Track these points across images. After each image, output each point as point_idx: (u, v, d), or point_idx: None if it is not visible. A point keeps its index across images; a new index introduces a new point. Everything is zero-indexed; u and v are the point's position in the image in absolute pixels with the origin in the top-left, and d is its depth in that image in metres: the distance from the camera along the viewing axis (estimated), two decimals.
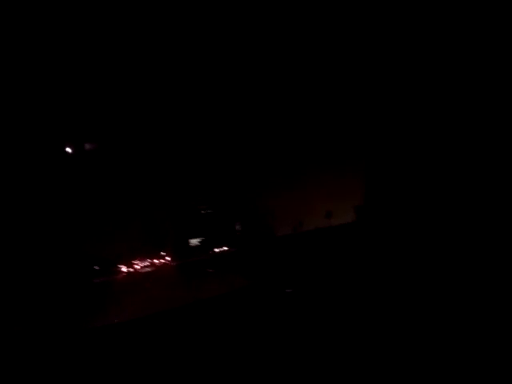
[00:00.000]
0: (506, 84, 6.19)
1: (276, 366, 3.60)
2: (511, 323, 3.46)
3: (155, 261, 28.99)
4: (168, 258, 28.75)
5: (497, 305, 3.93)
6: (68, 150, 12.49)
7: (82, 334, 7.91)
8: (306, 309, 5.69)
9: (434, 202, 6.04)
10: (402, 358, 3.24)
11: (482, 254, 5.38)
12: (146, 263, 29.05)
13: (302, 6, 10.30)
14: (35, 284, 10.11)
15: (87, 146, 14.76)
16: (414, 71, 6.14)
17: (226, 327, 5.56)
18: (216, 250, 26.74)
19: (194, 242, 26.39)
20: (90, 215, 17.57)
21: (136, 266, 28.22)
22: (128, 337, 6.81)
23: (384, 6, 7.05)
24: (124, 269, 27.58)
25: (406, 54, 6.31)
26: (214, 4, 9.80)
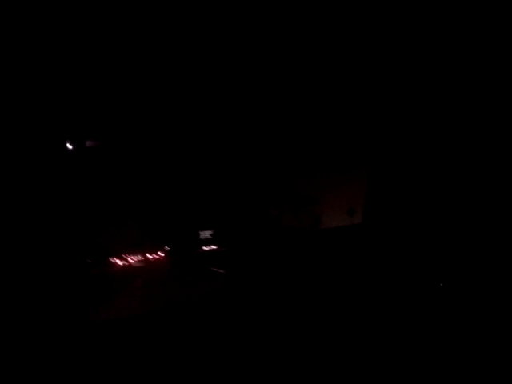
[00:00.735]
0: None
1: (274, 366, 3.71)
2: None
3: (148, 256, 28.63)
4: (161, 254, 28.37)
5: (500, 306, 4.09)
6: (69, 146, 12.45)
7: (83, 329, 8.01)
8: (309, 311, 5.67)
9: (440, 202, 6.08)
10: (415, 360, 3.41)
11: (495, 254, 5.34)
12: (139, 258, 28.68)
13: (302, 6, 10.43)
14: (35, 276, 10.18)
15: (88, 143, 14.66)
16: (424, 69, 6.19)
17: (210, 330, 5.54)
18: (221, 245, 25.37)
19: (206, 234, 24.64)
20: (91, 208, 17.43)
21: (130, 260, 27.98)
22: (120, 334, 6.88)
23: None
24: (119, 262, 27.40)
25: (413, 54, 6.39)
26: (215, 4, 9.89)
